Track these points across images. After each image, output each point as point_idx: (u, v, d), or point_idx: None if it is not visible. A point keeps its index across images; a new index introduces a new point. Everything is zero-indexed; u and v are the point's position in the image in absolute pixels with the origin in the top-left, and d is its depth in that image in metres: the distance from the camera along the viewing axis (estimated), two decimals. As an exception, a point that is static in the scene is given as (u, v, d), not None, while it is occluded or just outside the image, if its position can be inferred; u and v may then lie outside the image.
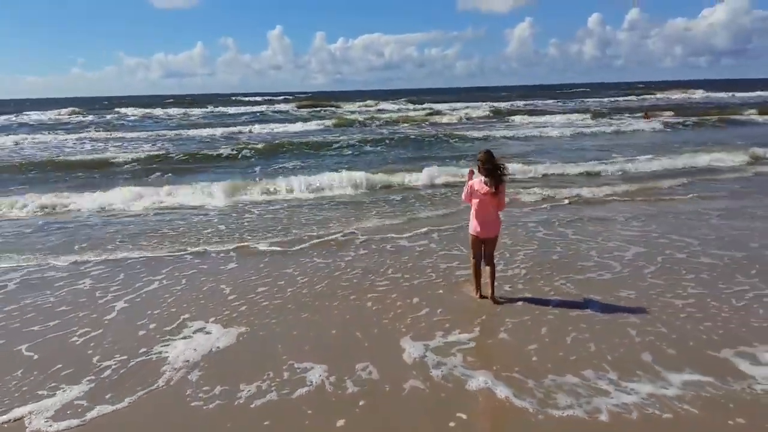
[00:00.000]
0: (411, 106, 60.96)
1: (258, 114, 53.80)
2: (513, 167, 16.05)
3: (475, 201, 6.55)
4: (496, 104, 57.86)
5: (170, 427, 4.45)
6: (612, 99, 70.08)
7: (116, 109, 58.54)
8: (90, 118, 50.99)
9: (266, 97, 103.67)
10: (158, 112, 56.61)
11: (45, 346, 5.94)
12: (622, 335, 5.74)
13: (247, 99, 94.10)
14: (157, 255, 8.87)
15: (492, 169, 6.36)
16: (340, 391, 4.86)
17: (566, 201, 12.47)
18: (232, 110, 59.20)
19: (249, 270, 8.12)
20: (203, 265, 8.41)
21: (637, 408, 4.51)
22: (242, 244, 9.45)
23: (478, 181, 6.46)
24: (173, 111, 57.07)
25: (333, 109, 60.61)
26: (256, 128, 34.63)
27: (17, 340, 6.03)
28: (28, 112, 57.84)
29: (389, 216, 11.42)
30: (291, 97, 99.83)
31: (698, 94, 74.53)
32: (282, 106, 65.07)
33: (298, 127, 35.80)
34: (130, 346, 5.82)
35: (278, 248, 9.13)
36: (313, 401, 4.73)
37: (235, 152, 23.12)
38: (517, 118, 40.07)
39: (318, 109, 60.95)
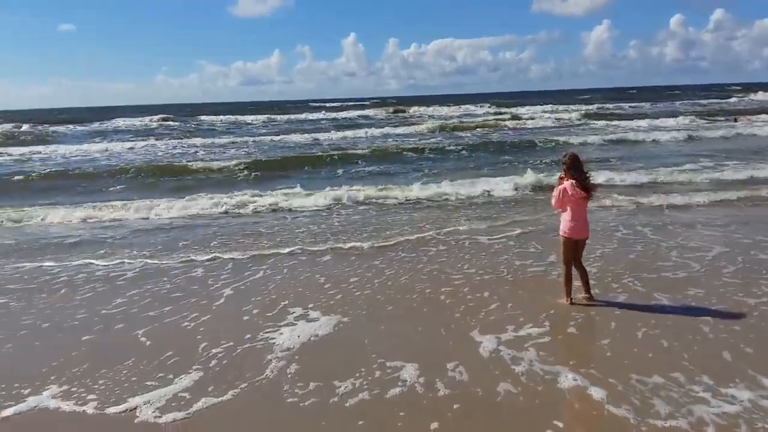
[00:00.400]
0: (493, 110, 60.95)
1: (339, 119, 55.56)
2: (606, 174, 16.09)
3: (567, 204, 6.67)
4: (585, 107, 56.78)
5: (269, 425, 4.71)
6: (708, 101, 66.98)
7: (200, 117, 61.60)
8: (178, 124, 54.32)
9: (344, 103, 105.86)
10: (242, 118, 59.27)
11: (158, 331, 6.68)
12: (695, 332, 6.02)
13: (327, 105, 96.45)
14: (257, 252, 9.87)
15: (580, 171, 6.57)
16: (431, 393, 5.00)
17: (654, 204, 12.66)
18: (313, 116, 61.24)
19: (341, 263, 9.06)
20: (300, 258, 9.44)
21: (744, 421, 4.38)
22: (334, 242, 10.39)
23: (570, 185, 6.57)
24: (256, 117, 59.62)
25: (412, 113, 61.56)
26: (338, 134, 35.87)
27: (135, 325, 6.86)
28: (119, 119, 61.73)
29: (474, 218, 12.07)
30: (368, 103, 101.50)
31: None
32: (363, 112, 66.39)
33: (380, 131, 36.79)
34: (236, 332, 6.49)
35: (367, 245, 10.00)
36: (405, 402, 4.88)
37: (320, 155, 24.54)
38: (608, 122, 39.19)
39: (398, 113, 61.95)
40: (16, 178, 21.22)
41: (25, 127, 52.68)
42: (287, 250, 9.91)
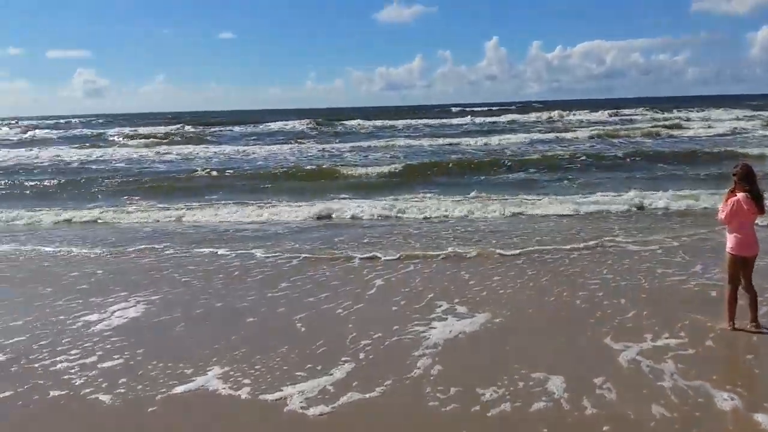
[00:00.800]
0: (650, 115, 57.95)
1: (484, 123, 55.69)
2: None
3: (735, 218, 6.36)
4: (758, 113, 52.15)
5: (409, 428, 4.81)
6: None
7: (346, 122, 63.86)
8: (325, 128, 57.30)
9: (488, 107, 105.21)
10: (387, 122, 60.98)
11: (314, 317, 7.37)
12: None
13: (469, 109, 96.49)
14: (405, 252, 10.59)
15: (753, 183, 6.29)
16: (577, 411, 4.85)
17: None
18: (456, 120, 61.78)
19: (485, 263, 9.68)
20: (447, 257, 10.14)
21: None
22: (480, 245, 10.97)
23: (744, 197, 6.28)
24: (399, 122, 61.13)
25: (559, 117, 60.07)
26: (484, 139, 35.86)
27: (295, 310, 7.72)
28: (271, 123, 65.97)
29: (625, 227, 12.09)
30: (513, 107, 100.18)
31: None
32: (511, 116, 65.16)
33: (527, 136, 36.43)
34: (385, 323, 7.02)
35: (511, 249, 10.49)
36: (549, 419, 4.76)
37: (465, 160, 25.37)
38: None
39: (550, 120, 60.47)
40: (182, 176, 24.02)
41: (188, 128, 58.62)
42: (435, 252, 10.58)
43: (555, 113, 64.59)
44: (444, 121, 62.27)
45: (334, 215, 14.80)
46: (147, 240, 12.44)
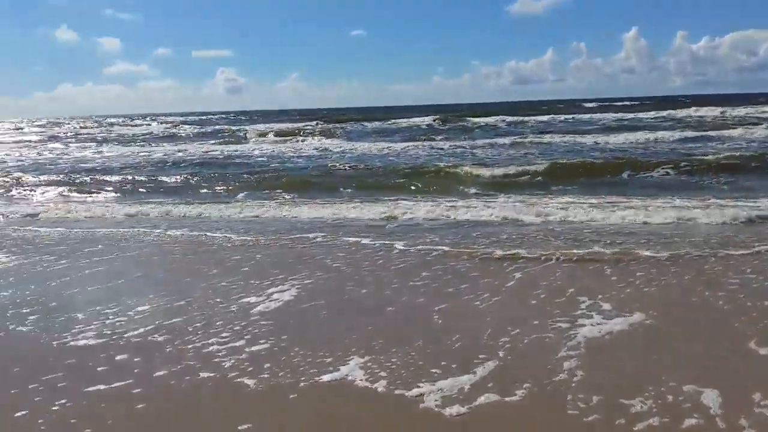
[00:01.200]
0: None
1: (619, 119, 53.48)
2: None
3: None
4: None
5: None
6: None
7: (472, 119, 63.16)
8: (453, 124, 57.63)
9: (626, 102, 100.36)
10: (518, 118, 59.94)
11: (452, 309, 7.56)
12: None
13: (608, 104, 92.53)
14: (546, 252, 10.59)
15: None
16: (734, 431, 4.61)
17: None
18: (593, 116, 59.70)
19: (630, 262, 9.69)
20: (588, 253, 10.28)
21: None
22: (624, 246, 10.83)
23: None
24: (531, 118, 59.89)
25: (709, 114, 56.24)
26: (626, 136, 34.32)
27: (433, 301, 8.04)
28: (399, 119, 67.29)
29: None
30: (654, 101, 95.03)
31: None
32: (658, 113, 60.59)
33: (681, 134, 34.23)
34: (524, 318, 7.07)
35: (659, 252, 10.24)
36: None
37: (602, 161, 24.53)
38: None
39: (693, 114, 56.79)
40: (318, 171, 25.53)
41: (319, 124, 61.48)
42: (577, 250, 10.63)
43: (706, 109, 60.49)
44: (579, 116, 60.53)
45: (469, 212, 15.19)
46: (297, 230, 13.51)
